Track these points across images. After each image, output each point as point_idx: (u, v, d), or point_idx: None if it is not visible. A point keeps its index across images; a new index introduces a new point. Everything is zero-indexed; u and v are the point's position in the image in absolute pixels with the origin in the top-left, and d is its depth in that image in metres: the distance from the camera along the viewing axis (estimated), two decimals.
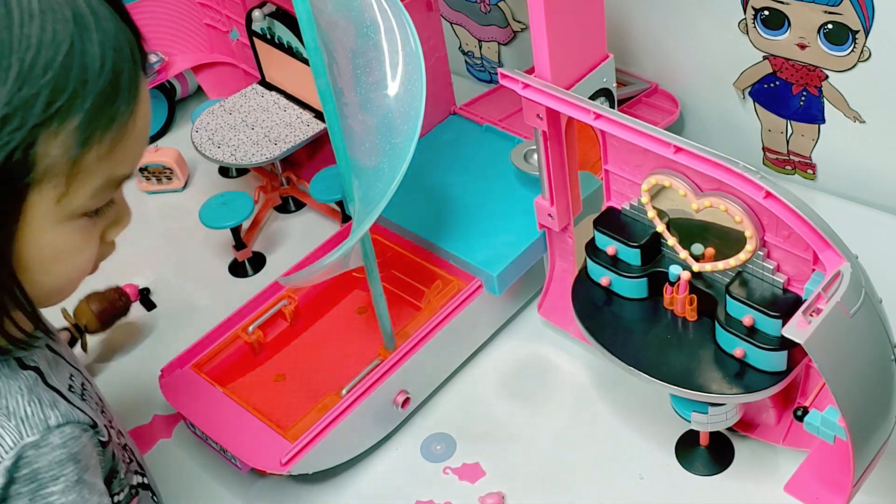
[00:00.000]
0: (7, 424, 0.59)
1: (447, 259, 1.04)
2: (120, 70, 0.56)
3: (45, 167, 0.54)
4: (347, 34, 0.78)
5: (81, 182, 0.56)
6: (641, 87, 1.23)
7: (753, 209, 0.80)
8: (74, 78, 0.54)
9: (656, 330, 0.89)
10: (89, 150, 0.55)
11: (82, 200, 0.57)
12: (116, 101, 0.56)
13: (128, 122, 0.57)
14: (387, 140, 0.78)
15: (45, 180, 0.55)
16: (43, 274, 0.59)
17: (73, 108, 0.54)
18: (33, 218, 0.56)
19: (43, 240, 0.57)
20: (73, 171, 0.56)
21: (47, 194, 0.56)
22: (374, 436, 0.97)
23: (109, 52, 0.56)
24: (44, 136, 0.53)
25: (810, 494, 0.83)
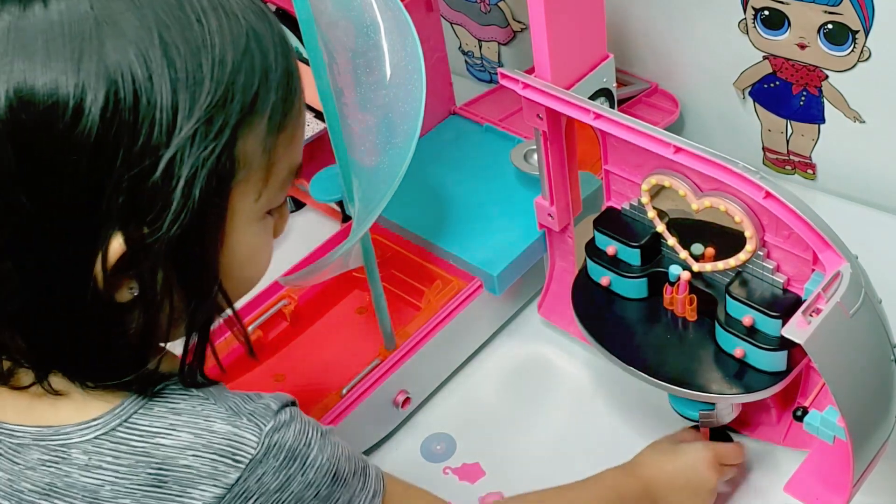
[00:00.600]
0: (241, 422, 0.58)
1: (447, 259, 1.04)
2: (287, 54, 0.57)
3: (246, 164, 0.55)
4: (347, 34, 0.78)
5: (275, 172, 0.57)
6: (641, 87, 1.23)
7: (753, 209, 0.80)
8: (258, 69, 0.54)
9: (656, 330, 0.89)
10: (278, 139, 0.56)
11: (274, 194, 0.58)
12: (291, 85, 0.57)
13: (299, 113, 0.59)
14: (387, 140, 0.78)
15: (246, 179, 0.55)
16: (238, 275, 0.60)
17: (263, 100, 0.54)
18: (236, 219, 0.56)
19: (242, 240, 0.58)
20: (269, 165, 0.56)
21: (248, 194, 0.56)
22: (374, 436, 0.97)
23: (277, 39, 0.56)
24: (244, 133, 0.54)
25: (810, 494, 0.83)
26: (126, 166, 0.51)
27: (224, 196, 0.55)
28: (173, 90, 0.51)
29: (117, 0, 0.51)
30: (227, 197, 0.55)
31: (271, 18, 0.57)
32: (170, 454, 0.56)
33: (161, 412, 0.57)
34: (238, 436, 0.57)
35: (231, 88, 0.53)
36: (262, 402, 0.60)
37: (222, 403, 0.59)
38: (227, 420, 0.57)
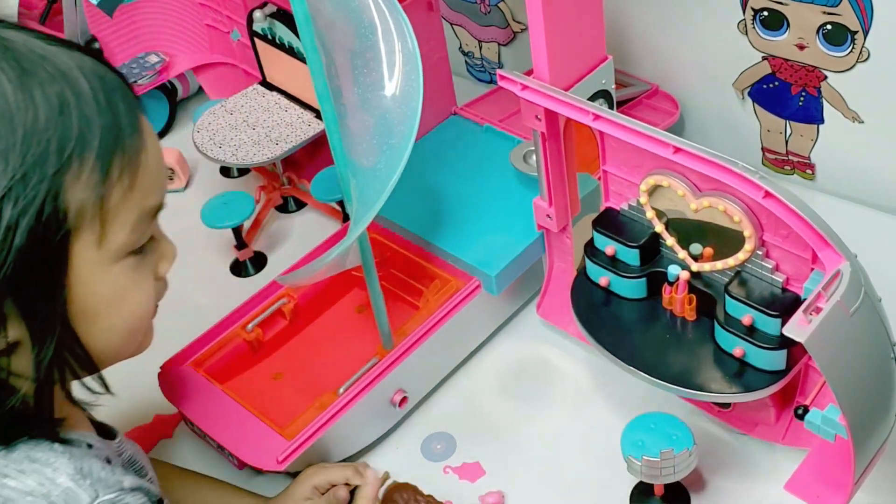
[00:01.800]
0: (83, 483, 0.61)
1: (446, 259, 1.04)
2: (115, 104, 0.60)
3: (76, 212, 0.57)
4: (346, 35, 0.78)
5: (116, 219, 0.59)
6: (642, 88, 1.23)
7: (752, 209, 0.80)
8: (78, 122, 0.57)
9: (655, 330, 0.89)
10: (112, 185, 0.58)
11: (123, 238, 0.60)
12: (121, 133, 0.59)
13: (140, 153, 0.60)
14: (384, 140, 0.78)
15: (82, 226, 0.58)
16: (107, 321, 0.62)
17: (84, 148, 0.57)
18: (81, 266, 0.58)
19: (96, 286, 0.60)
20: (105, 210, 0.58)
21: (87, 239, 0.58)
22: (371, 434, 0.98)
23: (101, 92, 0.59)
24: (67, 182, 0.56)
25: (811, 493, 0.83)
26: None
27: (57, 244, 0.57)
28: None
29: None
30: (65, 246, 0.57)
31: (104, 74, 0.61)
32: (11, 496, 0.60)
33: (19, 457, 0.61)
34: (74, 493, 0.60)
35: (46, 146, 0.55)
36: (117, 478, 0.63)
37: (77, 462, 0.62)
38: (71, 477, 0.61)
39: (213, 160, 1.18)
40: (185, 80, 1.43)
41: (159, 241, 0.66)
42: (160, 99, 1.41)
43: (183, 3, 1.36)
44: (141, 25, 1.35)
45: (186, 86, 1.44)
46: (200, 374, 0.99)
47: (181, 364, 1.00)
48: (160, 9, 1.36)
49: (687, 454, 0.83)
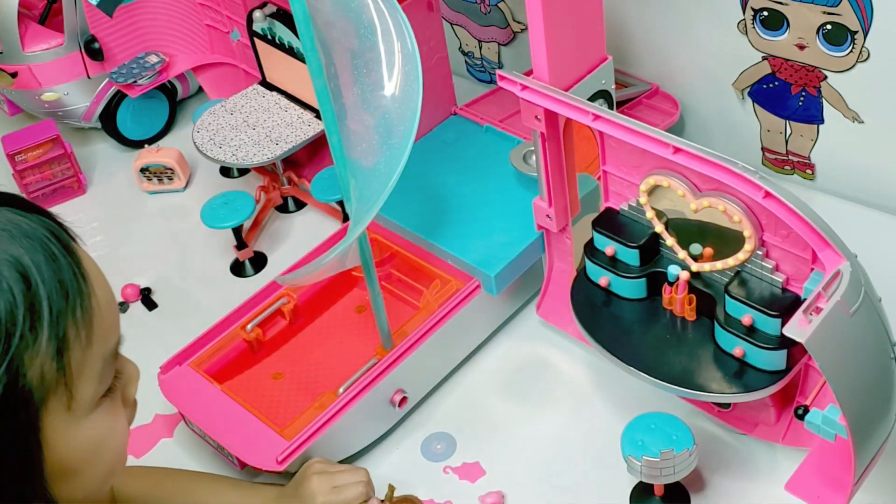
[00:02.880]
0: None
1: (445, 259, 1.04)
2: (56, 260, 0.55)
3: (40, 385, 0.54)
4: (346, 35, 0.78)
5: (81, 377, 0.56)
6: (642, 88, 1.23)
7: (752, 209, 0.80)
8: (21, 297, 0.53)
9: (655, 330, 0.89)
10: (71, 348, 0.55)
11: (91, 391, 0.57)
12: (69, 290, 0.55)
13: (91, 304, 0.56)
14: (384, 140, 0.79)
15: (48, 396, 0.55)
16: (88, 473, 0.59)
17: (35, 321, 0.53)
18: (54, 433, 0.56)
19: (73, 445, 0.57)
20: (69, 374, 0.55)
21: (56, 406, 0.55)
22: (371, 435, 0.98)
23: (37, 252, 0.55)
24: (25, 360, 0.53)
25: (811, 493, 0.83)
26: None
27: (27, 423, 0.54)
28: None
29: None
30: (36, 421, 0.54)
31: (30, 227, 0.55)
32: None
33: None
34: None
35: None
36: None
37: None
38: None
39: (213, 160, 1.18)
40: (185, 80, 1.43)
41: (122, 368, 0.62)
42: (160, 99, 1.41)
43: (183, 3, 1.36)
44: (141, 25, 1.35)
45: (186, 86, 1.44)
46: (200, 374, 0.99)
47: (181, 364, 1.00)
48: (160, 9, 1.36)
49: (687, 454, 0.83)
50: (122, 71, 1.34)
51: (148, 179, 1.32)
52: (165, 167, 1.31)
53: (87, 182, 1.36)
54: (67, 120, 1.38)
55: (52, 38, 1.33)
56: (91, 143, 1.43)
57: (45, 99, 1.35)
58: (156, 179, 1.32)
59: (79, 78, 1.35)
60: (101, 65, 1.34)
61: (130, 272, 1.20)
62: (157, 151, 1.31)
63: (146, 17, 1.35)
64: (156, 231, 1.28)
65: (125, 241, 1.28)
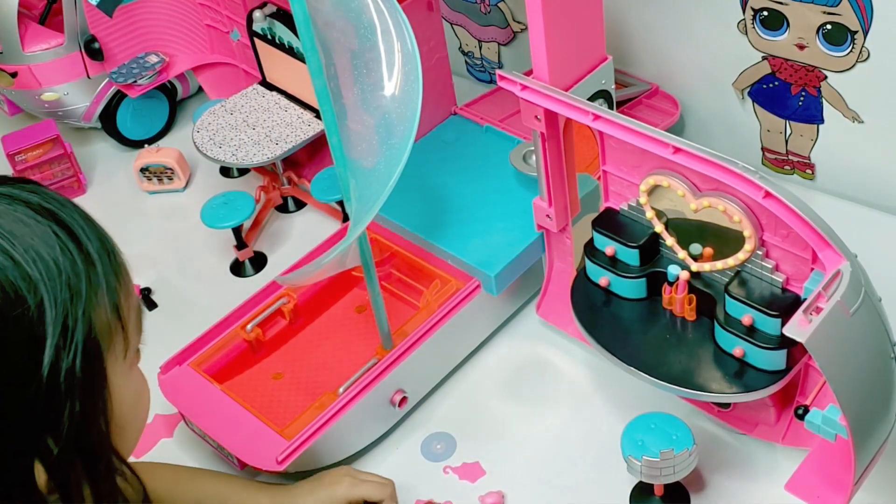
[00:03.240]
0: None
1: (445, 259, 1.04)
2: (95, 227, 0.61)
3: (106, 334, 0.59)
4: (346, 35, 0.78)
5: (129, 325, 0.61)
6: (642, 88, 1.23)
7: (752, 209, 0.80)
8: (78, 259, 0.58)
9: (655, 330, 0.89)
10: (119, 297, 0.60)
11: (137, 340, 0.63)
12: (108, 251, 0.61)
13: (120, 259, 0.63)
14: (384, 140, 0.79)
15: (111, 345, 0.60)
16: (132, 425, 0.64)
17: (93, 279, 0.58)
18: (115, 382, 0.60)
19: (127, 393, 0.62)
20: (124, 321, 0.61)
21: (115, 356, 0.60)
22: (371, 435, 0.98)
23: (80, 221, 0.60)
24: (94, 313, 0.58)
25: (811, 493, 0.83)
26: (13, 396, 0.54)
27: (102, 374, 0.59)
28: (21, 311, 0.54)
29: None
30: (104, 370, 0.59)
31: (67, 201, 0.61)
32: None
33: None
34: None
35: (67, 285, 0.57)
36: None
37: None
38: None
39: (213, 160, 1.18)
40: (185, 80, 1.43)
41: None
42: (160, 99, 1.41)
43: (183, 3, 1.36)
44: (141, 25, 1.35)
45: (186, 86, 1.44)
46: (200, 373, 0.99)
47: (181, 364, 1.00)
48: (160, 9, 1.36)
49: (687, 454, 0.83)
50: (122, 71, 1.34)
51: (148, 179, 1.32)
52: (165, 167, 1.31)
53: (87, 182, 1.36)
54: (67, 120, 1.38)
55: (52, 38, 1.33)
56: (91, 143, 1.43)
57: (45, 99, 1.35)
58: (156, 179, 1.32)
59: (79, 78, 1.35)
60: (101, 65, 1.34)
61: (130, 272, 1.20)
62: (157, 151, 1.31)
63: (146, 17, 1.35)
64: (156, 231, 1.28)
65: (125, 241, 1.24)
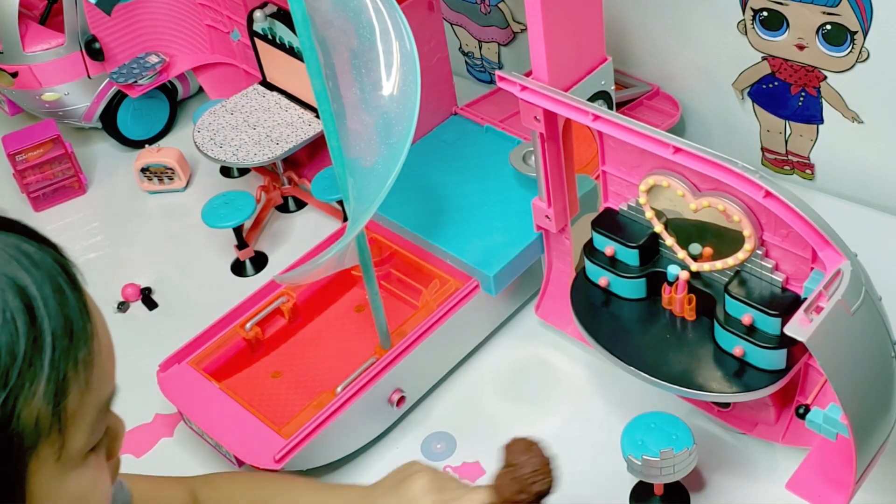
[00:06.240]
0: None
1: (445, 259, 1.04)
2: (66, 303, 0.51)
3: (33, 431, 0.49)
4: (347, 34, 0.78)
5: (74, 425, 0.52)
6: (642, 89, 1.23)
7: (752, 208, 0.80)
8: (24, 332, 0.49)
9: (655, 330, 0.89)
10: (69, 392, 0.50)
11: (82, 442, 0.53)
12: (74, 329, 0.51)
13: (93, 347, 0.52)
14: (383, 140, 0.79)
15: (39, 443, 0.50)
16: None
17: (35, 364, 0.49)
18: (40, 485, 0.51)
19: (59, 497, 0.52)
20: (63, 420, 0.50)
21: (45, 455, 0.51)
22: (369, 434, 0.98)
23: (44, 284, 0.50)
24: (21, 402, 0.48)
25: (812, 492, 0.83)
26: None
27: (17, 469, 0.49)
28: None
29: None
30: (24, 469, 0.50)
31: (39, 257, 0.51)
32: None
33: None
34: None
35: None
36: None
37: None
38: None
39: (213, 160, 1.18)
40: (185, 80, 1.43)
41: (111, 422, 0.56)
42: (160, 99, 1.41)
43: (183, 3, 1.36)
44: (141, 25, 1.35)
45: (186, 86, 1.44)
46: (199, 372, 0.99)
47: (180, 362, 1.00)
48: (160, 9, 1.36)
49: (687, 454, 0.83)
50: (122, 71, 1.34)
51: (148, 179, 1.32)
52: (166, 167, 1.31)
53: (87, 182, 1.36)
54: (68, 120, 1.38)
55: (52, 38, 1.33)
56: (91, 143, 1.43)
57: (45, 99, 1.35)
58: (156, 179, 1.32)
59: (79, 78, 1.35)
60: (101, 65, 1.34)
61: (131, 272, 1.20)
62: (158, 151, 1.31)
63: (146, 17, 1.36)
64: (156, 231, 1.28)
65: (125, 241, 1.28)
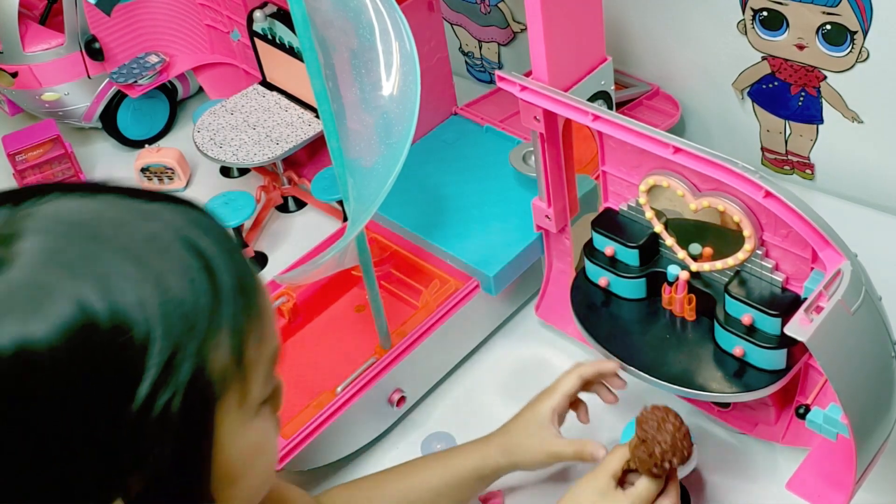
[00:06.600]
0: None
1: (444, 259, 1.04)
2: (236, 258, 0.56)
3: (220, 380, 0.54)
4: (347, 34, 0.78)
5: (253, 375, 0.56)
6: (642, 89, 1.23)
7: (752, 208, 0.80)
8: (208, 293, 0.53)
9: (655, 330, 0.89)
10: (247, 344, 0.55)
11: (259, 392, 0.57)
12: (246, 287, 0.56)
13: (261, 303, 0.57)
14: (383, 140, 0.79)
15: (225, 392, 0.54)
16: (247, 480, 0.59)
17: (220, 317, 0.54)
18: (225, 433, 0.55)
19: (241, 445, 0.57)
20: (243, 369, 0.55)
21: (230, 404, 0.55)
22: (369, 434, 0.98)
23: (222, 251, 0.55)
24: (211, 353, 0.53)
25: (812, 492, 0.83)
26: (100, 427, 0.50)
27: (207, 417, 0.54)
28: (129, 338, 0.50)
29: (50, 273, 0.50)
30: (211, 416, 0.54)
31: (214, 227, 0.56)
32: None
33: None
34: None
35: (184, 320, 0.52)
36: None
37: None
38: None
39: (213, 160, 1.18)
40: (185, 80, 1.43)
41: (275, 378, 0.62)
42: (160, 99, 1.41)
43: (183, 3, 1.36)
44: (141, 25, 1.35)
45: (186, 86, 1.44)
46: None
47: None
48: (160, 9, 1.36)
49: None
50: (122, 71, 1.34)
51: (148, 179, 1.32)
52: (166, 167, 1.31)
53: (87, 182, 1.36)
54: (68, 120, 1.38)
55: (52, 38, 1.33)
56: (91, 142, 1.43)
57: (45, 99, 1.35)
58: (156, 179, 1.32)
59: (79, 78, 1.35)
60: (101, 65, 1.34)
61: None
62: (158, 151, 1.31)
63: (146, 17, 1.36)
64: None
65: None
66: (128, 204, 0.55)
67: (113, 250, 0.51)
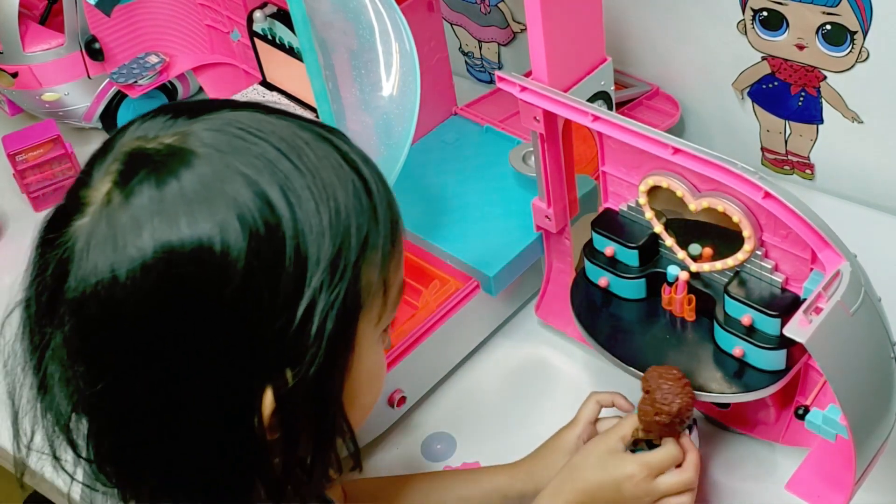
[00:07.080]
0: None
1: (444, 259, 1.04)
2: (387, 189, 0.61)
3: (368, 295, 0.58)
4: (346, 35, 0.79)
5: (388, 299, 0.61)
6: (642, 89, 1.23)
7: (751, 209, 0.80)
8: (367, 210, 0.58)
9: (655, 330, 0.89)
10: (390, 266, 0.60)
11: (390, 313, 0.62)
12: (394, 216, 0.61)
13: (399, 231, 0.62)
14: (383, 141, 0.79)
15: (368, 307, 0.58)
16: (363, 398, 0.63)
17: (375, 236, 0.58)
18: (362, 346, 0.59)
19: (366, 365, 0.60)
20: (386, 290, 0.60)
21: (371, 320, 0.59)
22: (369, 434, 0.98)
23: (375, 174, 0.60)
24: (363, 268, 0.57)
25: (812, 493, 0.83)
26: (268, 321, 0.53)
27: (353, 330, 0.57)
28: (301, 242, 0.54)
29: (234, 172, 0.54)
30: (356, 329, 0.58)
31: (364, 154, 0.61)
32: None
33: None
34: None
35: (348, 232, 0.56)
36: None
37: None
38: None
39: None
40: (185, 80, 1.43)
41: None
42: (160, 99, 1.41)
43: (183, 3, 1.36)
44: (141, 25, 1.35)
45: (186, 86, 1.44)
46: None
47: None
48: (160, 9, 1.36)
49: None
50: (122, 71, 1.34)
51: None
52: None
53: None
54: (68, 120, 1.38)
55: (52, 38, 1.33)
56: (92, 143, 1.43)
57: (45, 99, 1.35)
58: None
59: (79, 78, 1.35)
60: (101, 65, 1.34)
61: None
62: None
63: (146, 17, 1.35)
64: None
65: None
66: (300, 124, 0.59)
67: (290, 159, 0.55)
